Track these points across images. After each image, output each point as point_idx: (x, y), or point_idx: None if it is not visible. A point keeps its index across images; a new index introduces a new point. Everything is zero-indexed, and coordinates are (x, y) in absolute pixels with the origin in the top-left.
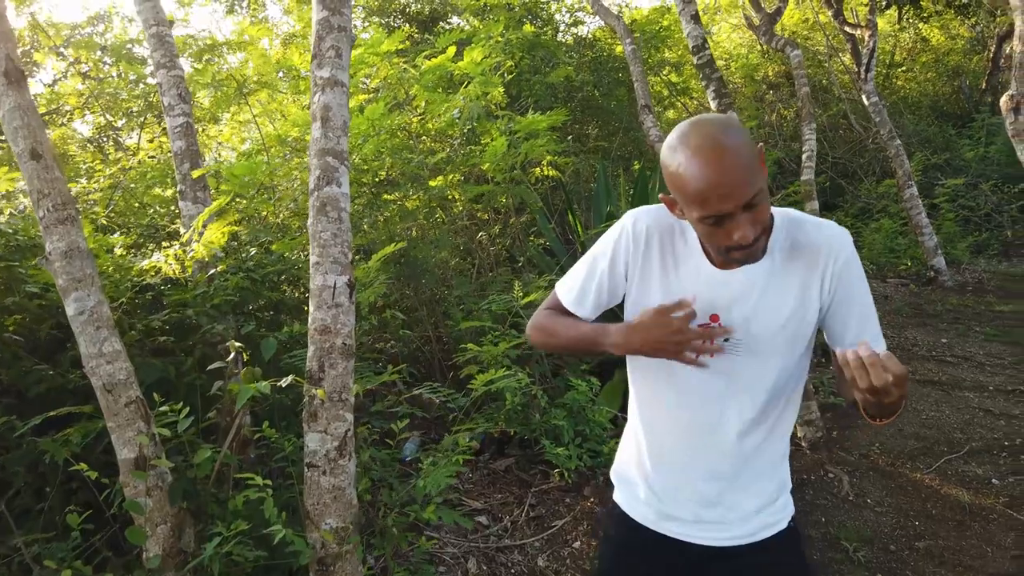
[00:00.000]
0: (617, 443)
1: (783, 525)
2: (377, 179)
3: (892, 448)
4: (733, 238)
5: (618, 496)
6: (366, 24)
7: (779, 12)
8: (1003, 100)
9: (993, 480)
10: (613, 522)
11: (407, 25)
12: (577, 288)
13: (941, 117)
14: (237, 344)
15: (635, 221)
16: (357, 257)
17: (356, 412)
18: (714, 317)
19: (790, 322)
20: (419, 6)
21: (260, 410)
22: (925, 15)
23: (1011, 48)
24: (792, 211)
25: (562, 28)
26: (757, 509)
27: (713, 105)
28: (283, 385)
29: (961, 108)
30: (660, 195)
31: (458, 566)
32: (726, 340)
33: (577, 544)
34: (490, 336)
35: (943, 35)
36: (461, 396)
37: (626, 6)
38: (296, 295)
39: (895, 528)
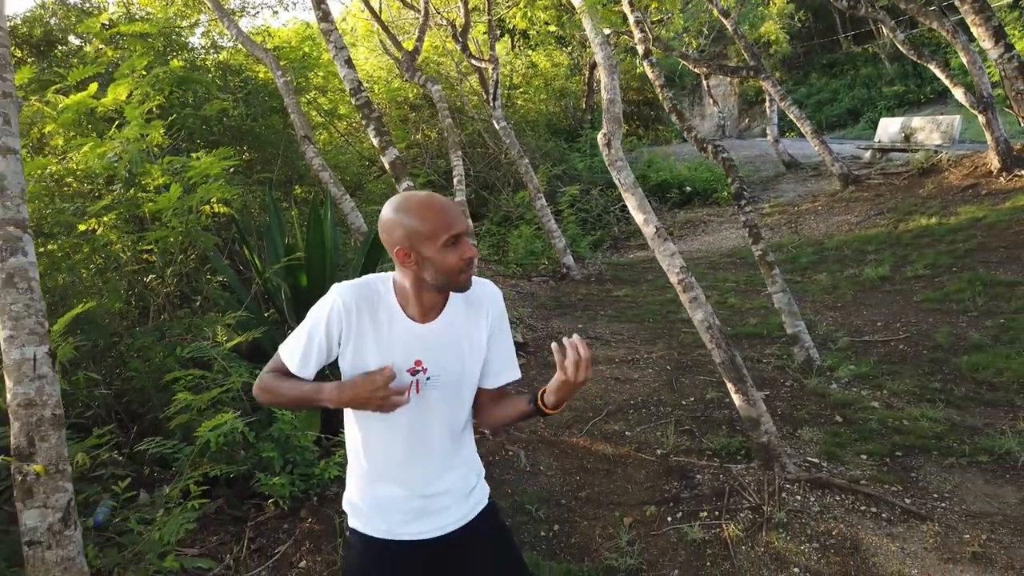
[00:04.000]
0: (326, 463)
1: (487, 499)
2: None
3: (553, 421)
4: (465, 256)
5: (355, 522)
6: None
7: (417, 51)
8: (599, 136)
9: (626, 432)
10: (353, 544)
11: (16, 49)
12: (299, 355)
13: (556, 133)
14: None
15: (343, 297)
16: None
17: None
18: (418, 361)
19: (471, 356)
20: (28, 28)
21: None
22: (532, 44)
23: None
24: None
25: (201, 54)
26: (468, 492)
27: (375, 142)
28: None
29: (569, 124)
30: (394, 251)
31: None
32: (428, 378)
33: (303, 563)
34: (182, 383)
35: (548, 62)
36: (180, 444)
37: (266, 31)
38: None
39: (563, 485)
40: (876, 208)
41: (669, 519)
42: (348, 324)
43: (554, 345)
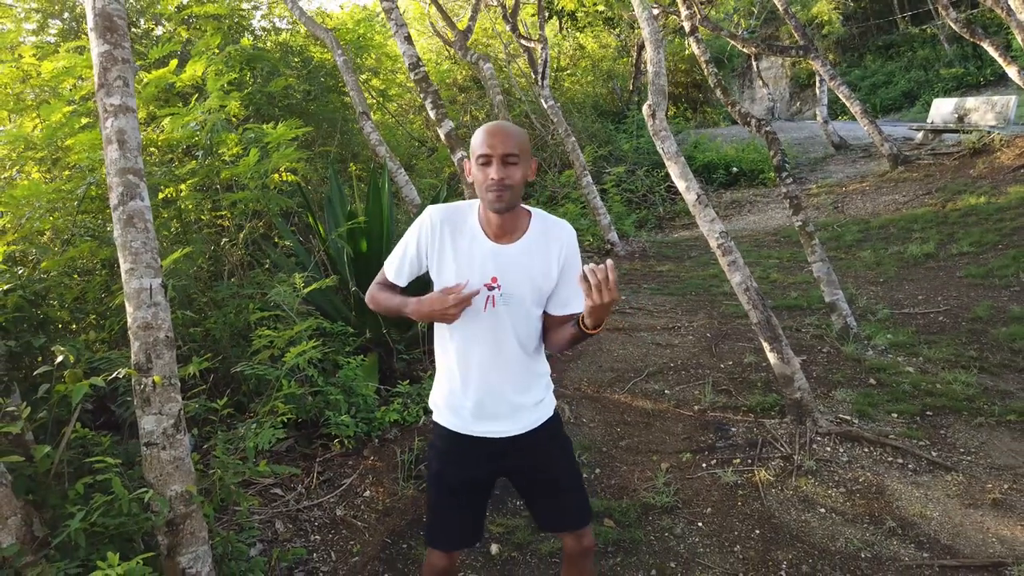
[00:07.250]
0: (385, 409)
1: (552, 412)
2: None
3: (596, 380)
4: (491, 177)
5: (437, 417)
6: (44, 28)
7: (470, 29)
8: (644, 108)
9: (665, 391)
10: (436, 436)
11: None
12: (395, 266)
13: (602, 115)
14: (62, 348)
15: (431, 216)
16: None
17: None
18: (494, 279)
19: (541, 281)
20: None
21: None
22: (580, 26)
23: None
24: (540, 210)
25: (260, 35)
26: (535, 404)
27: (432, 115)
28: (121, 377)
29: (616, 106)
30: (464, 160)
31: (267, 529)
32: (501, 295)
33: (368, 493)
34: (259, 330)
35: (596, 43)
36: (270, 367)
37: (323, 11)
38: (64, 314)
39: (604, 436)
40: (924, 188)
41: (704, 465)
42: (433, 239)
43: (577, 276)
